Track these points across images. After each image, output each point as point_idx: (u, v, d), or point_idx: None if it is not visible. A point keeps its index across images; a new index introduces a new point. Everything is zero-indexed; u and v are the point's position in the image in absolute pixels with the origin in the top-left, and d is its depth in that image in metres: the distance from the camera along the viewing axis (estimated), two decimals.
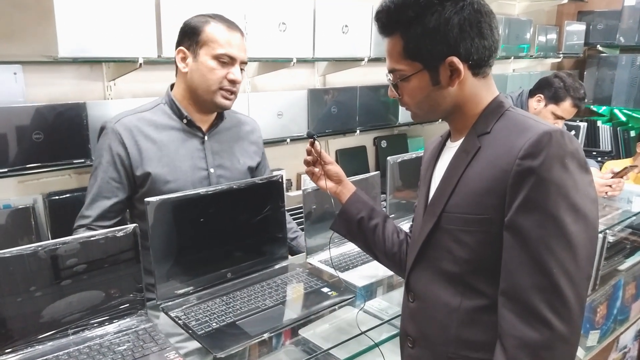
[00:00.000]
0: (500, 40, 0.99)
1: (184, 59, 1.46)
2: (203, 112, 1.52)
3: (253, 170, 1.66)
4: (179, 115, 1.50)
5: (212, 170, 1.53)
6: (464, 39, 0.92)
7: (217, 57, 1.42)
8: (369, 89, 2.87)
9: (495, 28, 0.96)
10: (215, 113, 1.56)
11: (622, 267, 2.27)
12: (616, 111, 4.18)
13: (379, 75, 3.03)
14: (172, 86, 1.54)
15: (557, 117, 2.29)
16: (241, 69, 1.48)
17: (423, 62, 0.96)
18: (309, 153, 1.34)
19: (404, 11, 0.94)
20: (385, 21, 0.97)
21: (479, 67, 0.96)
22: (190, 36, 1.44)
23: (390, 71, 1.01)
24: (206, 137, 1.54)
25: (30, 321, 1.10)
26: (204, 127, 1.54)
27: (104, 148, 1.44)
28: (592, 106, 4.25)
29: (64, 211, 1.95)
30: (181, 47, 1.46)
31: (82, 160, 1.92)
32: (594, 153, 3.95)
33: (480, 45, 0.94)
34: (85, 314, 1.17)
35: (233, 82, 1.45)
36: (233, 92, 1.47)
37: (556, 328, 0.84)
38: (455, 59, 0.93)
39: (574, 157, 0.87)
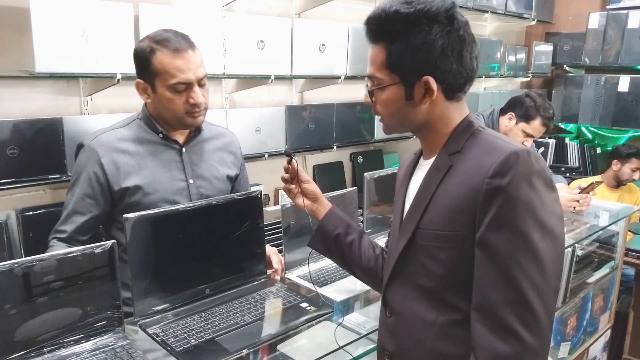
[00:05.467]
0: (477, 69, 1.02)
1: (144, 90, 1.46)
2: (177, 129, 1.53)
3: (232, 180, 1.66)
4: (155, 130, 1.51)
5: (191, 181, 1.53)
6: (444, 62, 0.96)
7: (172, 87, 1.40)
8: (345, 106, 2.92)
9: (475, 58, 1.00)
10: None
11: (591, 280, 2.34)
12: (583, 129, 4.33)
13: (356, 92, 3.11)
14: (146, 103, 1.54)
15: (527, 135, 2.36)
16: (201, 85, 1.45)
17: (401, 76, 0.98)
18: (286, 171, 1.37)
19: (393, 24, 0.96)
20: (374, 29, 0.99)
21: (453, 91, 1.00)
22: (142, 67, 1.43)
23: (369, 77, 1.03)
24: (184, 149, 1.55)
25: (5, 340, 1.08)
26: (181, 140, 1.55)
27: (81, 165, 1.46)
28: (560, 123, 4.39)
29: (37, 227, 1.91)
30: (139, 80, 1.45)
31: (58, 176, 1.90)
32: (563, 169, 4.07)
33: (457, 71, 0.97)
34: (61, 332, 1.15)
35: (195, 105, 1.44)
36: (200, 111, 1.46)
37: (526, 341, 0.87)
38: (431, 79, 0.97)
39: (540, 175, 0.91)
